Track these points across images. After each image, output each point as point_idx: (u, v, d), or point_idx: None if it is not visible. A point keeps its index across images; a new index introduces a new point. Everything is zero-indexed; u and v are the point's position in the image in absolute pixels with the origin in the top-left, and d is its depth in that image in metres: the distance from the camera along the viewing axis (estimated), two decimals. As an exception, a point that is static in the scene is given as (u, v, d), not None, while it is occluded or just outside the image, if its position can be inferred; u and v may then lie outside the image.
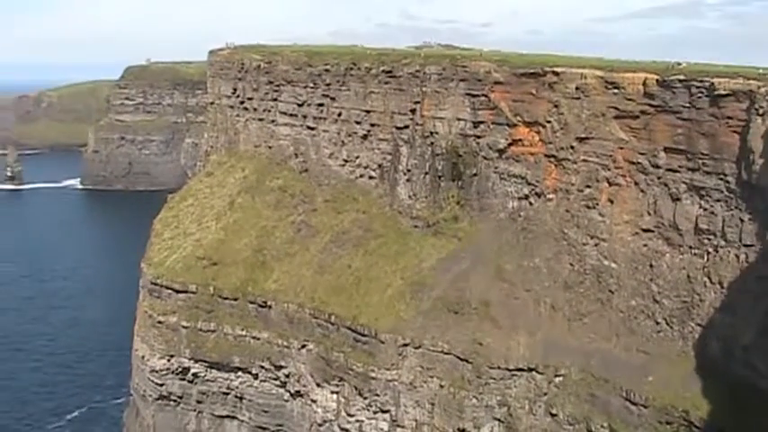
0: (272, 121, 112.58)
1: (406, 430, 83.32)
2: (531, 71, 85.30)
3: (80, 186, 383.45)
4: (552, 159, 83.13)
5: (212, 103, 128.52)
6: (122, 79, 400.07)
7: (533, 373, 77.28)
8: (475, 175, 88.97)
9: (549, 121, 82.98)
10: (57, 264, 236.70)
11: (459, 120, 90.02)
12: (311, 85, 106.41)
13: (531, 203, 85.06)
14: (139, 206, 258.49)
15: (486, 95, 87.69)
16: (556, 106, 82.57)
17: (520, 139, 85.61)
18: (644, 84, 77.08)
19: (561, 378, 76.31)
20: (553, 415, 75.25)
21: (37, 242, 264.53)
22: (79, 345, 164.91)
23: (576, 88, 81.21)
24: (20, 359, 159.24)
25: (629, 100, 78.02)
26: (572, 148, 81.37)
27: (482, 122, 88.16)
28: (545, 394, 76.52)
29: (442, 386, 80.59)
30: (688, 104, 73.77)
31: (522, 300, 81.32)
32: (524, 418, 76.64)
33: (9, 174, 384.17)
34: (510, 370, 77.85)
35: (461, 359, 79.93)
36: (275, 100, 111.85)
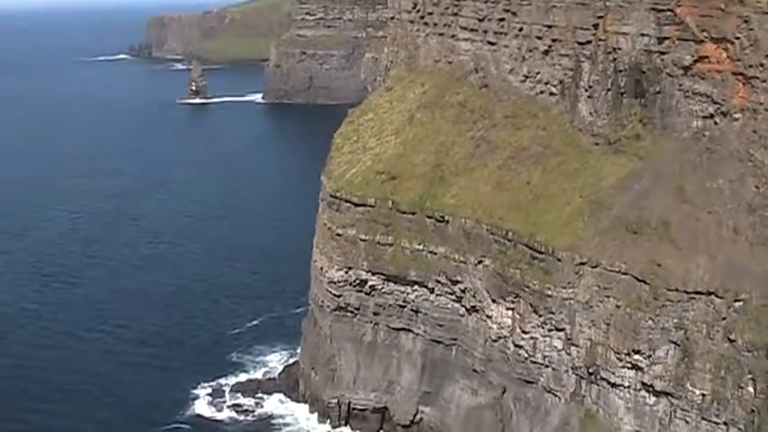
0: (452, 36, 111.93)
1: (580, 349, 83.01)
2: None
3: (262, 100, 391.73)
4: (740, 77, 79.99)
5: (392, 18, 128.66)
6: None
7: (712, 296, 75.25)
8: (658, 92, 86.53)
9: (737, 38, 79.73)
10: (240, 174, 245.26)
11: (643, 35, 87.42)
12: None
13: (716, 123, 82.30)
14: (320, 120, 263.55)
15: (671, 10, 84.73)
16: (746, 21, 79.19)
17: (706, 56, 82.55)
18: (843, -2, 73.33)
19: (741, 303, 74.10)
20: (731, 341, 73.35)
21: (222, 154, 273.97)
22: (261, 253, 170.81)
23: (769, 2, 77.89)
24: (207, 263, 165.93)
25: (826, 16, 74.39)
26: (761, 65, 78.12)
27: (667, 38, 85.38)
28: (724, 319, 74.54)
29: (618, 306, 79.67)
30: None
31: (703, 222, 79.16)
32: (701, 343, 75.07)
33: (193, 88, 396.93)
34: (688, 293, 76.08)
35: (639, 280, 78.65)
36: (455, 15, 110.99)
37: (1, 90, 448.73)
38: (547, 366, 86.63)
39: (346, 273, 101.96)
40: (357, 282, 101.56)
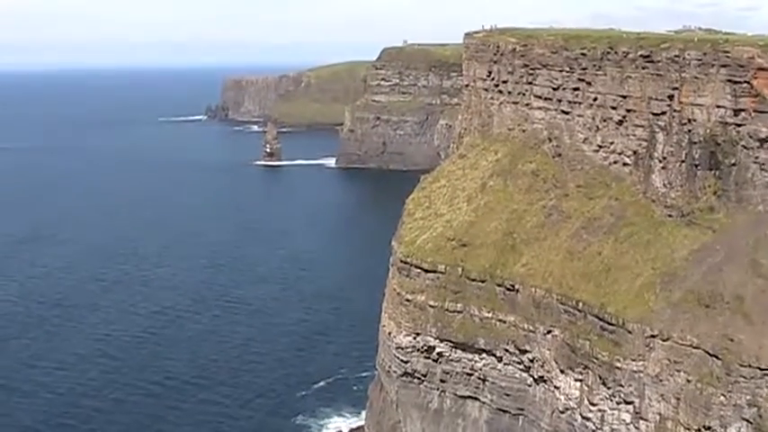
0: (527, 105, 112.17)
1: (649, 424, 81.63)
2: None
3: (335, 165, 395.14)
4: (818, 151, 79.18)
5: (467, 86, 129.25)
6: (379, 60, 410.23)
7: (787, 373, 74.01)
8: (733, 164, 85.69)
9: (815, 110, 79.07)
10: (311, 237, 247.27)
11: (718, 107, 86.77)
12: (567, 69, 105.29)
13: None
14: (392, 185, 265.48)
15: (748, 82, 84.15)
16: (823, 95, 78.55)
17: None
18: None
19: (817, 381, 72.77)
20: (806, 419, 71.91)
21: (296, 216, 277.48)
22: (329, 316, 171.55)
23: None
24: (274, 326, 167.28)
25: None
26: (839, 140, 77.25)
27: (743, 110, 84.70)
28: (799, 397, 73.17)
29: (688, 381, 78.34)
30: None
31: (778, 296, 77.99)
32: (775, 421, 73.63)
33: (268, 150, 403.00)
34: (762, 369, 74.51)
35: (711, 355, 77.32)
36: (530, 83, 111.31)
37: (92, 147, 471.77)
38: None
39: (414, 339, 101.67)
40: (425, 348, 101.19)
